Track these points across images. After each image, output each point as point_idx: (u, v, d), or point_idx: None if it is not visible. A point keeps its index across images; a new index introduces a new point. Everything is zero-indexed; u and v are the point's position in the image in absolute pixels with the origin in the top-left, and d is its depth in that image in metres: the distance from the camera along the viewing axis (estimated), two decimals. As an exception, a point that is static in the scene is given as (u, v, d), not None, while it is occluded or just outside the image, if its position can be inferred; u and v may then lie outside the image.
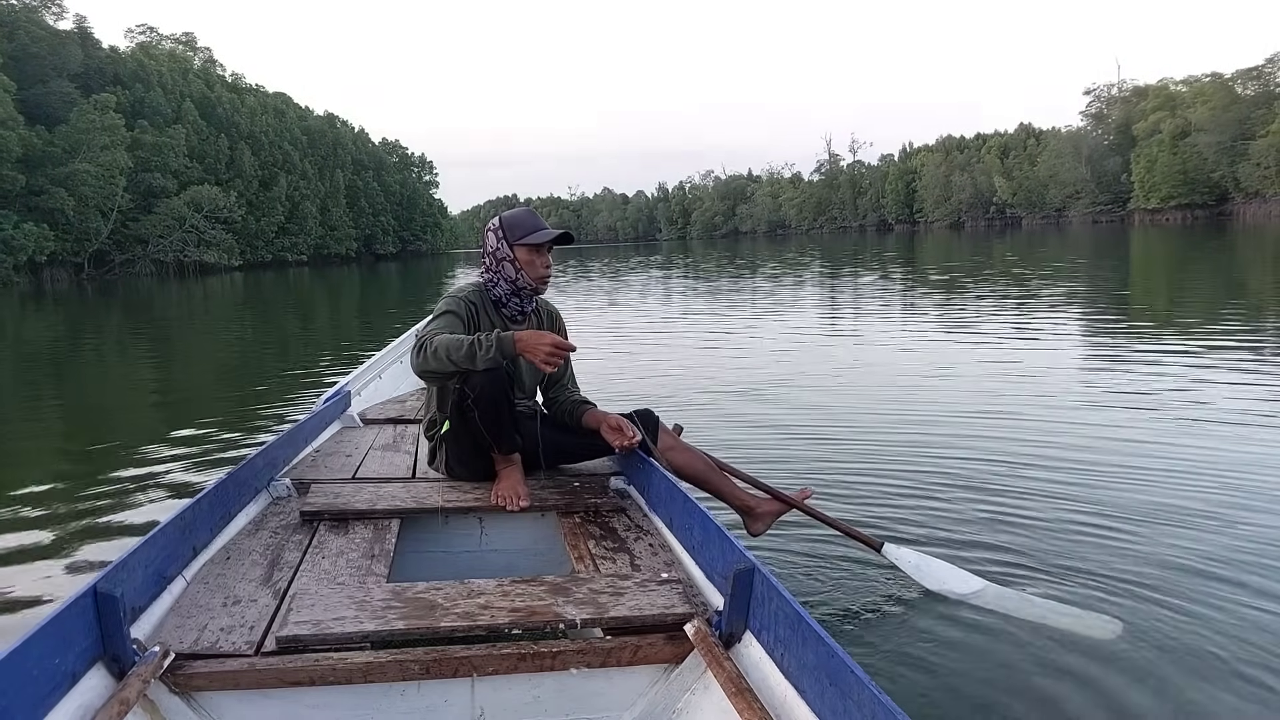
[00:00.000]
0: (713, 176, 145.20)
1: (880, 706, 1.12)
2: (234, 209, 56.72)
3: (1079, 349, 7.81)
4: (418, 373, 2.45)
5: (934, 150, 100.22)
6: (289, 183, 67.46)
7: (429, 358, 2.35)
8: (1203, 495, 3.46)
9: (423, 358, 2.37)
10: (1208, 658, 2.21)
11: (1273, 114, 58.33)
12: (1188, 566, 2.78)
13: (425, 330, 2.50)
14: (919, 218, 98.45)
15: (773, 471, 3.75)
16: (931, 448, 4.37)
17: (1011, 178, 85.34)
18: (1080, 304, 11.48)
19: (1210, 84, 65.86)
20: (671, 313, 13.04)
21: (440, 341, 2.36)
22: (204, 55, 71.55)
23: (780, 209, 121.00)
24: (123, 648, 1.43)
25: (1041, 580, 2.72)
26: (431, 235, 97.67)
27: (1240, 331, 7.99)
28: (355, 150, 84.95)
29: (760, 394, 6.10)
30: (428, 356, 2.36)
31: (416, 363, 2.40)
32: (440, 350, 2.34)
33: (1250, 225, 46.97)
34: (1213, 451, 4.11)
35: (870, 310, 12.19)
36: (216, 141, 60.38)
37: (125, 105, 51.96)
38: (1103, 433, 4.53)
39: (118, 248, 52.01)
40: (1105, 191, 75.03)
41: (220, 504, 2.17)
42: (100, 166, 47.19)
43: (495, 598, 1.71)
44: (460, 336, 2.40)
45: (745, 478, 2.77)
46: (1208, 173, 63.70)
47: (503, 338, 2.34)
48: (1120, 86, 78.73)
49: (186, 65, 65.41)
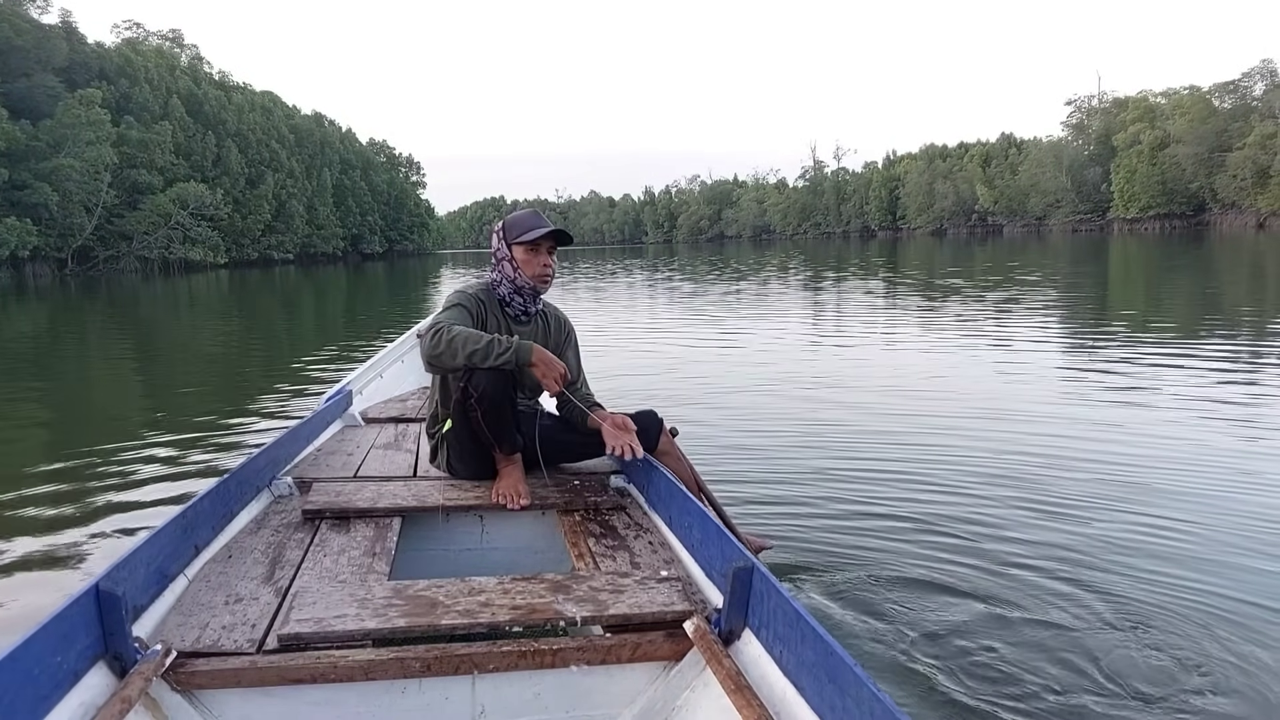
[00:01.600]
0: (699, 181, 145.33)
1: (878, 704, 1.13)
2: (220, 206, 56.22)
3: (1060, 354, 7.85)
4: (427, 359, 2.43)
5: (917, 158, 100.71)
6: (276, 181, 66.93)
7: (443, 344, 2.34)
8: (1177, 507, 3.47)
9: (435, 342, 2.35)
10: (1204, 657, 2.26)
11: (1249, 127, 59.23)
12: (1184, 564, 2.85)
13: (438, 319, 2.51)
14: (902, 224, 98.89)
15: (754, 485, 3.83)
16: (917, 457, 4.33)
17: (993, 186, 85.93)
18: (1065, 309, 11.55)
19: (1188, 96, 66.70)
20: (657, 315, 13.06)
21: (458, 332, 2.36)
22: (191, 52, 70.95)
23: (765, 214, 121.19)
24: (125, 646, 1.43)
25: (1029, 592, 2.72)
26: (418, 235, 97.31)
27: (1229, 339, 8.14)
28: (343, 149, 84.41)
29: (747, 395, 6.15)
30: (442, 342, 2.35)
31: (428, 347, 2.38)
32: (457, 340, 2.34)
33: (1226, 235, 47.41)
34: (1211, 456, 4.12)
35: (860, 315, 12.12)
36: (203, 139, 59.91)
37: (111, 101, 51.41)
38: (1089, 437, 4.60)
39: (102, 244, 51.48)
40: (1085, 201, 75.75)
41: (222, 502, 2.17)
42: (85, 162, 46.67)
43: (496, 595, 1.72)
44: (478, 332, 2.41)
45: (717, 508, 2.73)
46: (1185, 183, 64.52)
47: (520, 345, 2.35)
48: (1101, 98, 79.46)
49: (173, 62, 64.72)
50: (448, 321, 2.46)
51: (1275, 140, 56.44)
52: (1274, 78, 62.00)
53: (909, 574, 2.89)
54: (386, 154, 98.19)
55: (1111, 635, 2.42)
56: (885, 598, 2.69)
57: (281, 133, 71.72)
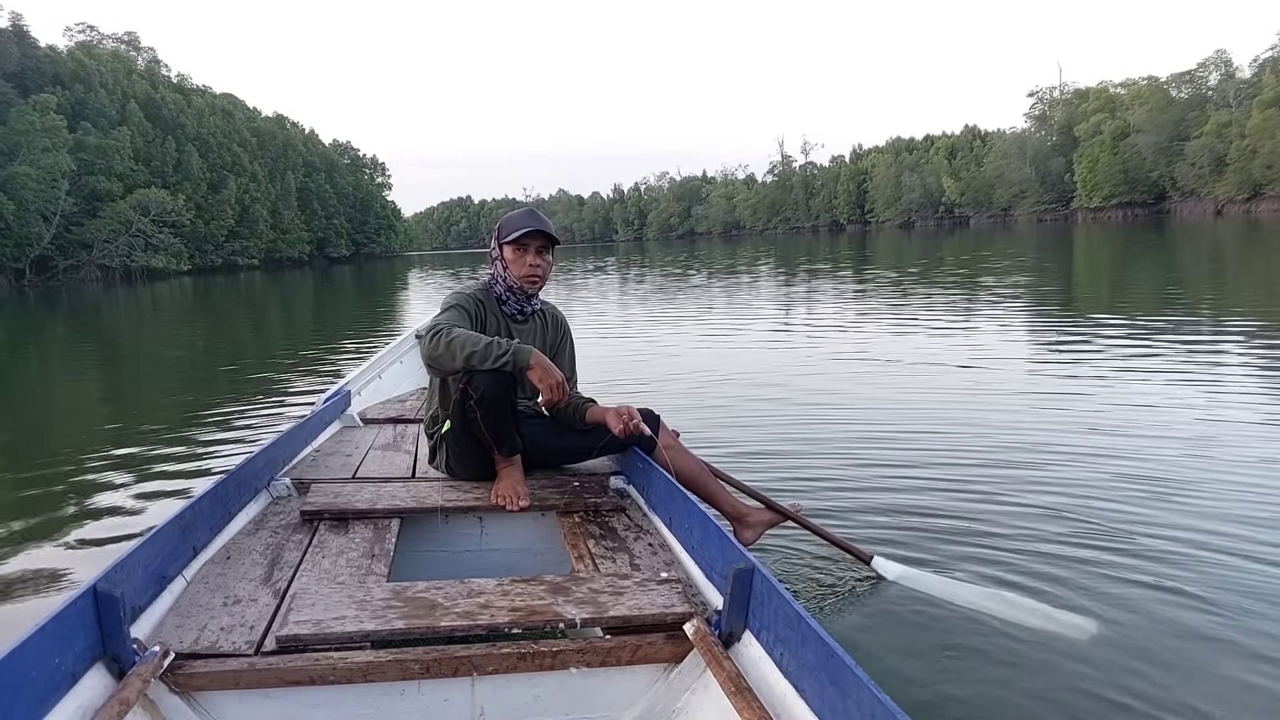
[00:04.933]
0: (668, 178, 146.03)
1: (880, 706, 1.12)
2: (182, 212, 55.34)
3: (1029, 345, 7.92)
4: (426, 360, 2.45)
5: (884, 151, 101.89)
6: (239, 185, 66.03)
7: (442, 346, 2.35)
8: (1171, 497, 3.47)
9: (434, 344, 2.37)
10: (1191, 650, 2.26)
11: (1205, 116, 60.57)
12: (1161, 558, 2.83)
13: (437, 320, 2.51)
14: (870, 218, 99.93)
15: (757, 473, 3.77)
16: (909, 448, 4.34)
17: (959, 178, 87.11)
18: (1034, 299, 11.67)
19: (1147, 87, 68.11)
20: (635, 312, 13.08)
21: (458, 334, 2.37)
22: (148, 55, 69.94)
23: (735, 210, 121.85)
24: (123, 647, 1.43)
25: (1022, 579, 2.73)
26: (385, 238, 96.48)
27: (1188, 321, 8.28)
28: (306, 152, 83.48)
29: (734, 391, 6.12)
30: (440, 344, 2.36)
31: (427, 349, 2.39)
32: (456, 342, 2.35)
33: (1186, 222, 48.48)
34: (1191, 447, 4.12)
35: (832, 309, 12.28)
36: (163, 143, 58.99)
37: (66, 106, 50.49)
38: (1067, 426, 4.63)
39: (61, 253, 50.46)
40: (1049, 191, 77.03)
41: (220, 503, 2.16)
42: (41, 169, 45.80)
43: (495, 597, 1.72)
44: (477, 334, 2.41)
45: (741, 486, 2.76)
46: (1146, 172, 65.92)
47: (520, 350, 2.36)
48: (1062, 89, 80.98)
49: (130, 65, 63.67)
50: (446, 323, 2.46)
51: (1230, 129, 57.76)
52: (1228, 68, 63.52)
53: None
54: (351, 155, 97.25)
55: (1112, 633, 2.38)
56: (888, 598, 2.65)
57: (243, 136, 70.82)
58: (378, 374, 4.44)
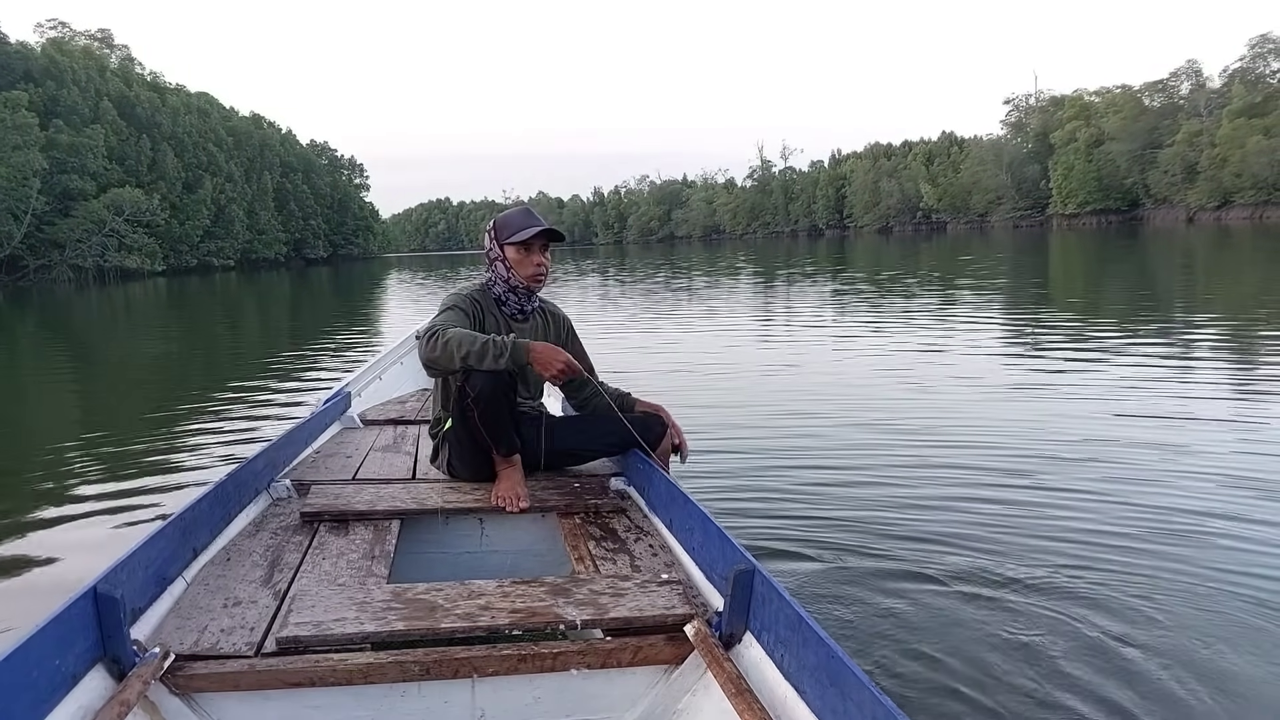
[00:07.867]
0: (648, 181, 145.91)
1: (881, 708, 1.12)
2: (157, 212, 54.58)
3: (1003, 344, 7.98)
4: (425, 361, 2.44)
5: (862, 157, 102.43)
6: (214, 185, 65.21)
7: (439, 346, 2.36)
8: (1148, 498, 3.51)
9: (432, 345, 2.37)
10: (1189, 649, 2.28)
11: (1177, 125, 61.47)
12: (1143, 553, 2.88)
13: (435, 321, 2.51)
14: (849, 223, 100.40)
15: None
16: (910, 454, 4.31)
17: (937, 184, 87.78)
18: (1010, 302, 11.81)
19: (1121, 95, 69.01)
20: (621, 316, 13.08)
21: (454, 334, 2.37)
22: (122, 53, 68.79)
23: (715, 214, 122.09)
24: (123, 649, 1.43)
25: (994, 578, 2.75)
26: (363, 239, 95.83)
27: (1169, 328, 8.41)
28: (283, 152, 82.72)
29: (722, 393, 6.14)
30: (438, 345, 2.36)
31: (425, 350, 2.40)
32: (452, 342, 2.34)
33: (1159, 229, 49.20)
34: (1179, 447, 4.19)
35: (812, 313, 12.35)
36: (137, 142, 58.13)
37: (38, 104, 49.64)
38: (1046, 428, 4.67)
39: (32, 252, 49.58)
40: (1025, 197, 77.83)
41: (220, 505, 2.16)
42: (11, 168, 44.91)
43: (495, 599, 1.72)
44: (474, 333, 2.41)
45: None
46: (1120, 179, 66.78)
47: (516, 345, 2.36)
48: (1038, 96, 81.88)
49: (103, 63, 62.76)
50: (444, 324, 2.46)
51: (1201, 138, 58.66)
52: (1199, 78, 64.51)
53: (909, 571, 2.85)
54: (328, 156, 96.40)
55: (1112, 635, 2.39)
56: (889, 599, 2.64)
57: (219, 135, 70.07)
58: (378, 375, 4.43)
